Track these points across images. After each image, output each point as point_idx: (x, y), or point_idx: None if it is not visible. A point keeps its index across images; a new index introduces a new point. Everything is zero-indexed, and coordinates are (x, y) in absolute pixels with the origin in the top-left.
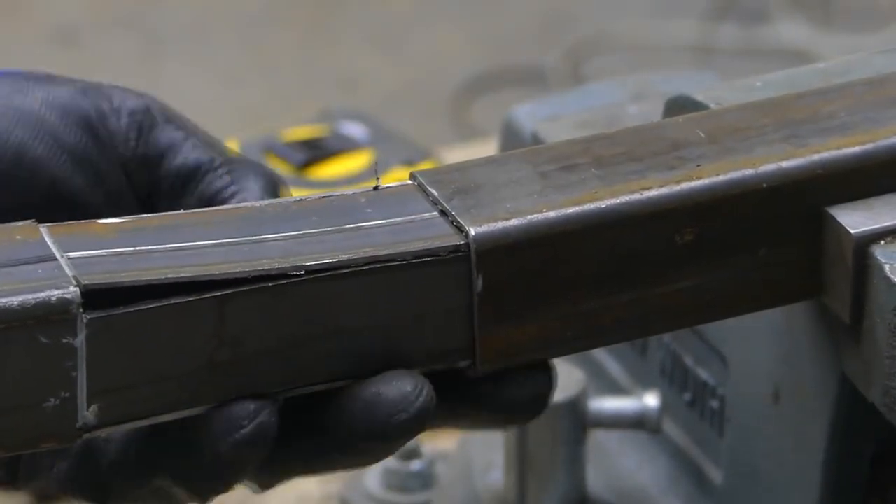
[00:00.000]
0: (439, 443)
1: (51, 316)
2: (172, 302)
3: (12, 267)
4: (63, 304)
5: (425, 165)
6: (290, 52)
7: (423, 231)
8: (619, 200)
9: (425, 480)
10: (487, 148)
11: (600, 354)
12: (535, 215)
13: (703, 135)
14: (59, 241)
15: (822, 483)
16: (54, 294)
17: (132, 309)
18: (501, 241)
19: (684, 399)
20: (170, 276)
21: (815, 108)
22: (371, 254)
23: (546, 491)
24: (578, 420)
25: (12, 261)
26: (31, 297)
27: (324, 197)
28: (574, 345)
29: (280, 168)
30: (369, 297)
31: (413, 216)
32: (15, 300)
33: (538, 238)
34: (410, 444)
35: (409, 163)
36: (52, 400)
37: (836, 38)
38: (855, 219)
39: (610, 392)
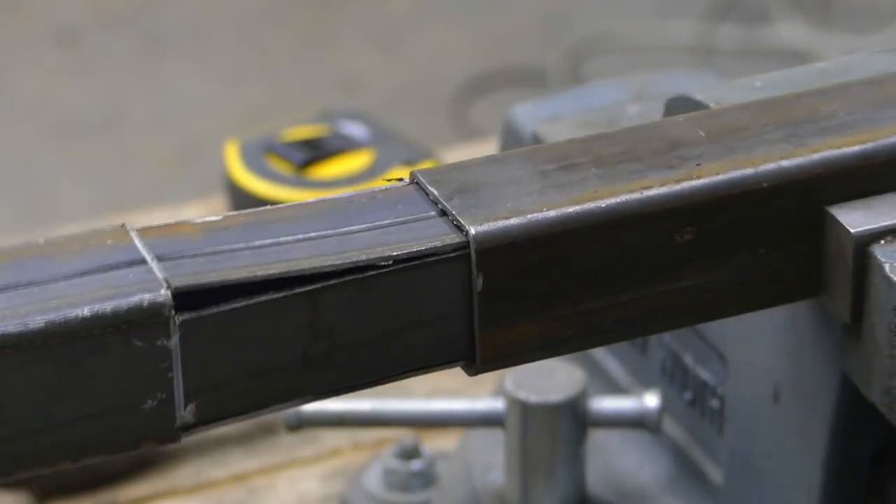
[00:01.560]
0: (439, 442)
1: (144, 320)
2: (263, 299)
3: (104, 272)
4: (155, 308)
5: (425, 165)
6: (290, 52)
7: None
8: (619, 200)
9: (426, 480)
10: (487, 148)
11: (600, 354)
12: (535, 214)
13: (703, 134)
14: (148, 244)
15: (822, 482)
16: (146, 298)
17: (224, 308)
18: (502, 241)
19: (684, 398)
20: (259, 273)
21: (814, 108)
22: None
23: (546, 490)
24: (579, 419)
25: (104, 266)
26: (124, 302)
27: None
28: (574, 344)
29: (280, 168)
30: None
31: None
32: (108, 305)
33: (538, 237)
34: (410, 443)
35: (409, 163)
36: (150, 401)
37: (835, 38)
38: (855, 218)
39: (610, 391)
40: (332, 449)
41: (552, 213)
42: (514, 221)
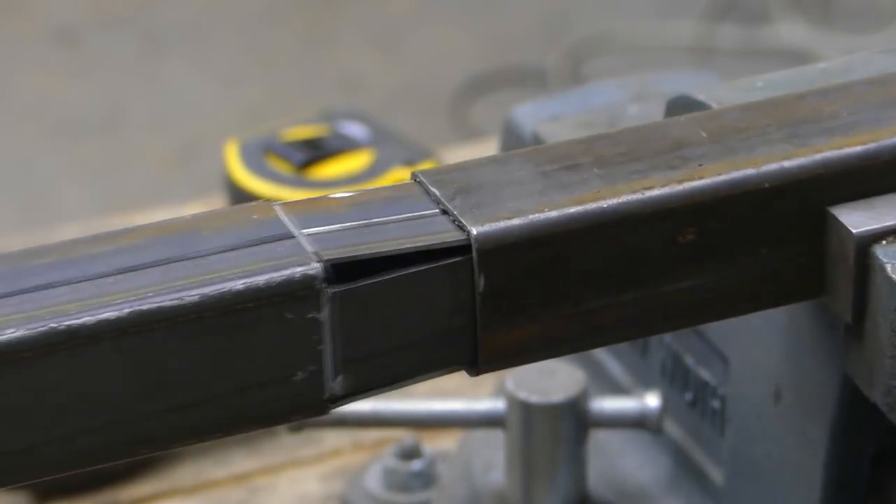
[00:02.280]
0: (440, 442)
1: (296, 292)
2: (412, 270)
3: (254, 246)
4: (307, 280)
5: (425, 165)
6: (290, 52)
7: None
8: (620, 200)
9: (426, 480)
10: (488, 148)
11: (601, 354)
12: (537, 215)
13: (704, 134)
14: (294, 219)
15: (823, 482)
16: (298, 271)
17: (373, 280)
18: (503, 241)
19: (685, 399)
20: (407, 245)
21: (816, 108)
22: None
23: (547, 490)
24: (579, 420)
25: (253, 240)
26: (276, 276)
27: None
28: (576, 344)
29: (280, 167)
30: None
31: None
32: (261, 279)
33: (540, 237)
34: (411, 443)
35: (409, 163)
36: (300, 373)
37: (835, 38)
38: (857, 218)
39: (611, 392)
40: (333, 449)
41: (554, 214)
42: (515, 222)
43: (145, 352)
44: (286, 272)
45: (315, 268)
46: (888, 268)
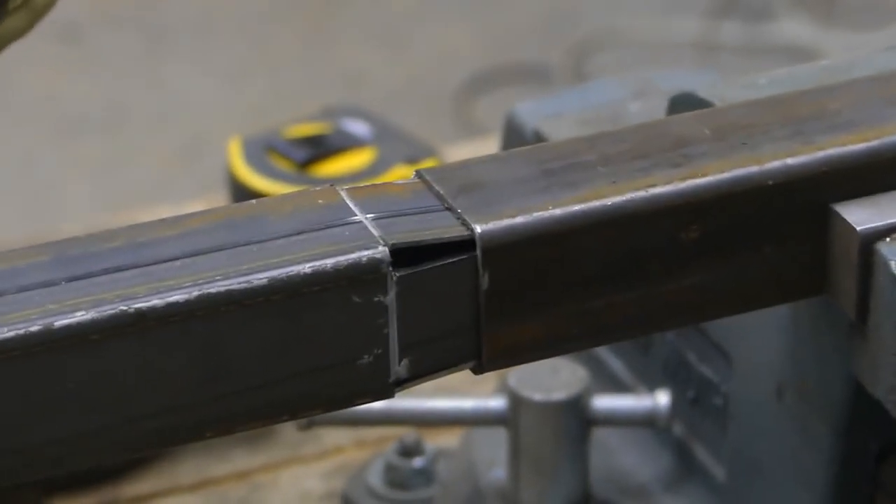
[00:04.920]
0: (441, 440)
1: (363, 276)
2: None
3: (320, 230)
4: (374, 264)
5: (428, 163)
6: (292, 50)
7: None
8: (624, 198)
9: (427, 477)
10: (490, 145)
11: (602, 352)
12: (540, 213)
13: (708, 132)
14: (359, 203)
15: (827, 480)
16: (365, 254)
17: (437, 264)
18: (507, 239)
19: (688, 396)
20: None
21: (820, 106)
22: None
23: (549, 488)
24: (581, 417)
25: (319, 224)
26: (343, 259)
27: None
28: (579, 342)
29: (283, 165)
30: None
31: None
32: (328, 262)
33: (544, 235)
34: (412, 440)
35: (412, 160)
36: (366, 357)
37: (839, 35)
38: (861, 216)
39: (613, 389)
40: (335, 446)
41: (558, 212)
42: (519, 220)
43: (213, 335)
44: (353, 255)
45: (381, 251)
46: (892, 265)
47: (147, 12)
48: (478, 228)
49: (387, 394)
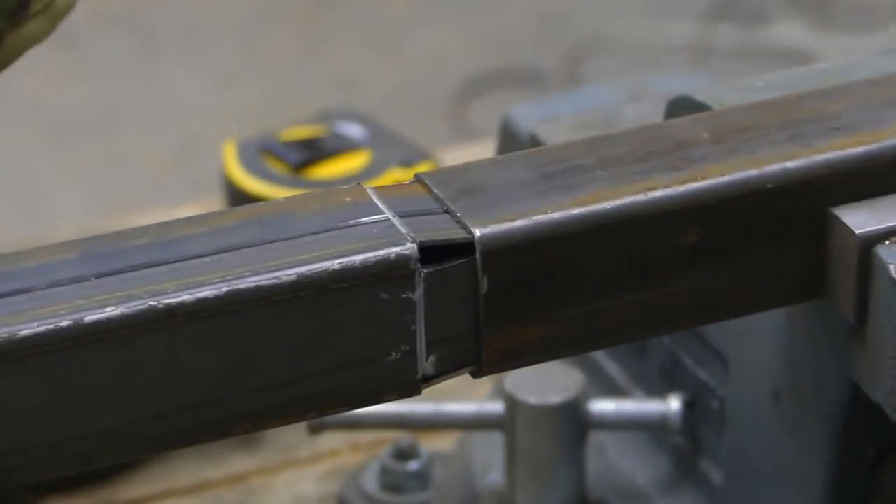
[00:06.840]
0: (437, 443)
1: (391, 272)
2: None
3: (348, 228)
4: (402, 260)
5: (423, 166)
6: (287, 53)
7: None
8: (623, 201)
9: (423, 481)
10: (486, 149)
11: (599, 355)
12: (539, 216)
13: (706, 135)
14: (386, 201)
15: (824, 483)
16: (393, 251)
17: (463, 261)
18: (507, 242)
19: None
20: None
21: (818, 109)
22: None
23: (545, 492)
24: (578, 421)
25: (348, 222)
26: (372, 256)
27: None
28: (578, 346)
29: (278, 168)
30: None
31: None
32: (357, 259)
33: (543, 239)
34: (408, 444)
35: (407, 163)
36: (394, 353)
37: (835, 38)
38: (859, 219)
39: (609, 393)
40: (330, 449)
41: (557, 215)
42: (518, 223)
43: (241, 331)
44: (381, 252)
45: (410, 248)
46: (891, 268)
47: (141, 16)
48: (477, 232)
49: (414, 391)
